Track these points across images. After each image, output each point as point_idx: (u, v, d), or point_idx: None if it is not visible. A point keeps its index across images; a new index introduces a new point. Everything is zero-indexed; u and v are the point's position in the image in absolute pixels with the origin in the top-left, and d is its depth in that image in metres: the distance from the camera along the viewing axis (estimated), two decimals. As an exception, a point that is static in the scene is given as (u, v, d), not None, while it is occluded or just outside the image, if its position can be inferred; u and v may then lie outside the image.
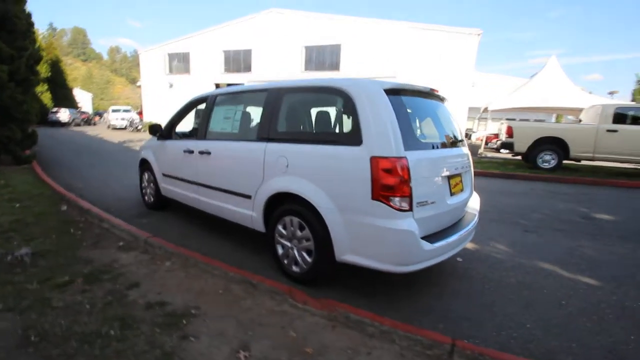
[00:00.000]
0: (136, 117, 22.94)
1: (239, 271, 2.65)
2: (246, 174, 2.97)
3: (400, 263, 2.18)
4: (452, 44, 15.30)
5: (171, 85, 22.50)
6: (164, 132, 4.16)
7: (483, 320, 2.31)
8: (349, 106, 2.38)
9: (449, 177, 2.59)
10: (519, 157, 10.36)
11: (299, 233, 2.61)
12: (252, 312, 2.21)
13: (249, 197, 2.97)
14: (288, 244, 2.72)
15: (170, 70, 23.23)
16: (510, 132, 9.19)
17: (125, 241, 3.36)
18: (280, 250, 2.80)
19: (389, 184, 2.12)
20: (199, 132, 3.59)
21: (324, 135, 2.59)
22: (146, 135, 18.38)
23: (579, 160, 8.91)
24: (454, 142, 2.81)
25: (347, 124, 2.42)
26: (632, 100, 31.69)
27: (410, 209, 2.16)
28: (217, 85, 22.50)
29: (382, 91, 2.29)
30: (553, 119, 23.46)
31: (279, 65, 18.65)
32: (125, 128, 21.66)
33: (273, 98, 2.86)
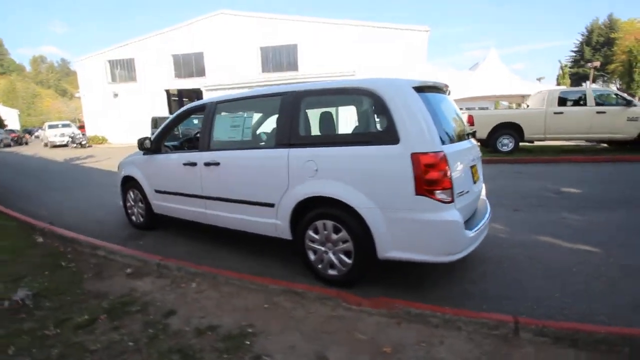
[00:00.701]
0: (78, 132, 20.95)
1: (279, 282, 2.57)
2: (267, 182, 2.87)
3: (448, 253, 2.26)
4: (404, 41, 16.02)
5: (116, 95, 20.88)
6: (152, 147, 3.86)
7: (518, 296, 2.47)
8: (379, 105, 2.41)
9: (471, 167, 2.73)
10: (478, 143, 11.17)
11: (334, 236, 2.59)
12: (309, 321, 2.16)
13: (271, 205, 2.88)
14: (321, 248, 2.69)
15: (113, 79, 21.55)
16: (471, 121, 9.86)
17: (134, 267, 3.08)
18: (312, 256, 2.75)
19: (433, 178, 2.18)
20: (201, 143, 3.39)
21: (354, 136, 2.59)
22: (95, 151, 16.90)
23: (532, 142, 9.82)
24: (467, 134, 2.97)
25: (378, 123, 2.45)
26: (557, 84, 35.60)
27: (453, 200, 2.24)
28: (168, 92, 21.31)
29: (412, 89, 2.35)
30: (492, 107, 25.59)
31: (235, 68, 18.16)
32: (66, 145, 19.67)
33: (290, 102, 2.79)
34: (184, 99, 25.41)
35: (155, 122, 13.03)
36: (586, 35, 52.53)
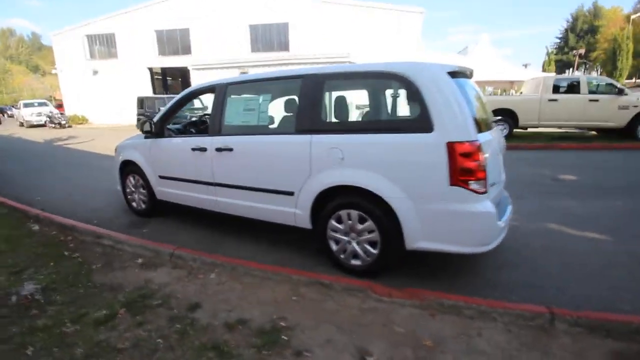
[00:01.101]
0: (56, 111, 19.87)
1: (303, 273, 2.50)
2: (286, 169, 2.76)
3: (481, 243, 2.24)
4: (399, 22, 15.70)
5: (95, 72, 19.82)
6: (155, 130, 3.65)
7: (542, 284, 2.50)
8: (411, 91, 2.31)
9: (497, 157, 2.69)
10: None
11: (359, 226, 2.52)
12: (342, 314, 2.11)
13: (290, 193, 2.78)
14: (344, 238, 2.63)
15: (92, 55, 20.39)
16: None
17: (145, 257, 2.95)
18: (334, 246, 2.69)
19: (469, 168, 2.13)
20: (211, 127, 3.22)
21: (383, 123, 2.49)
22: (77, 132, 16.11)
23: (525, 128, 9.95)
24: (492, 122, 2.91)
25: (410, 110, 2.35)
26: (543, 71, 36.06)
27: (486, 191, 2.20)
28: (151, 70, 20.36)
29: (447, 75, 2.26)
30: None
31: (224, 46, 17.45)
32: (44, 124, 18.68)
33: (312, 86, 2.65)
34: (167, 78, 24.42)
35: (142, 102, 12.48)
36: (571, 22, 53.07)
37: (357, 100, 2.82)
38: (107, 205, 4.70)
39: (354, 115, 2.74)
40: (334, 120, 2.62)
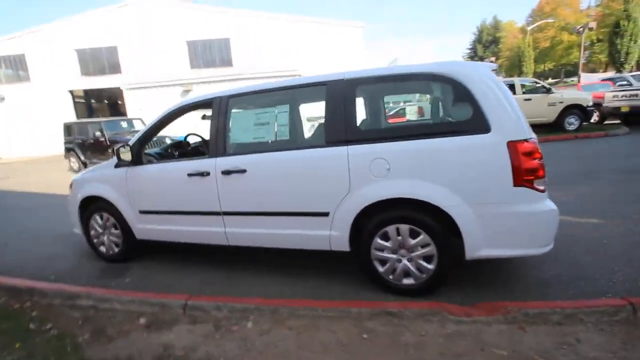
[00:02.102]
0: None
1: (363, 304, 2.18)
2: (318, 187, 2.43)
3: (546, 243, 2.16)
4: (341, 37, 16.16)
5: (3, 99, 16.88)
6: (133, 157, 3.02)
7: (589, 275, 2.50)
8: (459, 92, 2.17)
9: None
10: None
11: (410, 241, 2.30)
12: (428, 346, 1.84)
13: (324, 214, 2.45)
14: (392, 256, 2.37)
15: (-3, 79, 17.39)
16: (421, 112, 10.39)
17: (148, 315, 2.34)
18: (379, 267, 2.42)
19: (532, 167, 2.04)
20: (213, 147, 2.74)
21: (430, 127, 2.31)
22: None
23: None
24: None
25: (459, 111, 2.21)
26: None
27: (545, 189, 2.14)
28: (72, 93, 18.04)
29: (493, 73, 2.18)
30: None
31: (159, 64, 16.19)
32: None
33: (340, 92, 2.39)
34: (92, 101, 21.91)
35: (69, 128, 10.85)
36: (477, 34, 60.48)
37: (400, 103, 2.59)
38: (61, 253, 3.80)
39: (396, 120, 2.51)
40: (372, 127, 2.37)
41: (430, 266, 2.29)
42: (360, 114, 2.36)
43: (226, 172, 2.64)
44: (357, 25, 16.26)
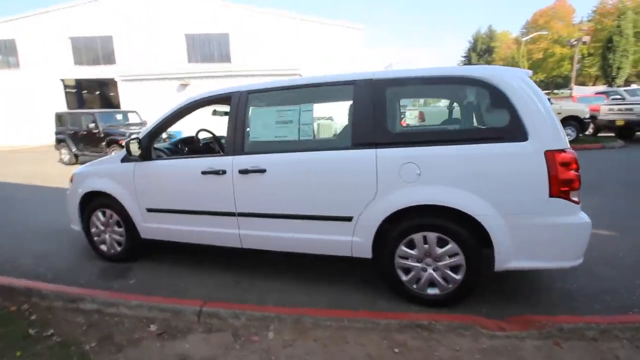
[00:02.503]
0: None
1: (392, 315, 2.08)
2: (342, 191, 2.33)
3: (577, 256, 2.10)
4: (342, 38, 16.10)
5: (-12, 85, 16.27)
6: (143, 151, 2.87)
7: (612, 288, 2.46)
8: (496, 97, 2.10)
9: None
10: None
11: (438, 250, 2.21)
12: (465, 362, 1.76)
13: (347, 219, 2.35)
14: (417, 265, 2.29)
15: (-19, 65, 16.73)
16: (422, 117, 10.40)
17: (160, 322, 2.19)
18: (403, 275, 2.33)
19: (569, 178, 1.98)
20: (230, 145, 2.62)
21: (465, 132, 2.24)
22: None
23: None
24: None
25: (494, 117, 2.15)
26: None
27: (580, 201, 2.09)
28: (64, 82, 17.49)
29: (530, 79, 2.11)
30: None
31: (156, 56, 15.85)
32: None
33: (369, 92, 2.29)
34: (83, 92, 21.32)
35: (61, 118, 10.49)
36: (472, 43, 61.37)
37: (433, 107, 2.49)
38: (57, 250, 3.61)
39: (429, 124, 2.43)
40: (402, 130, 2.28)
41: (458, 276, 2.22)
42: (390, 116, 2.27)
43: (244, 172, 2.52)
44: (358, 28, 16.23)
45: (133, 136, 2.87)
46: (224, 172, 2.58)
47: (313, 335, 2.00)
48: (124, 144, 8.86)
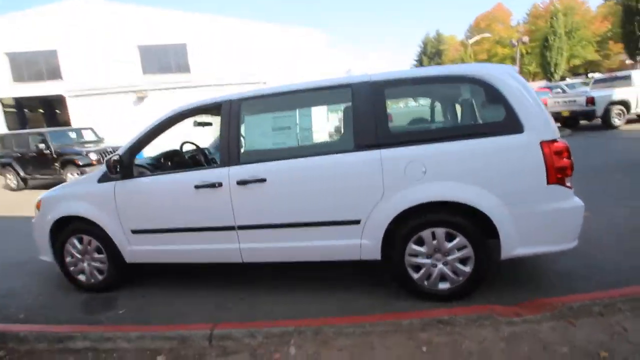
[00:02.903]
0: None
1: (411, 314, 2.07)
2: (348, 194, 2.31)
3: (573, 239, 2.24)
4: (305, 44, 16.20)
5: None
6: (123, 169, 2.64)
7: (601, 266, 2.63)
8: (490, 93, 2.20)
9: None
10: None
11: (447, 245, 2.26)
12: (493, 353, 1.78)
13: (355, 222, 2.33)
14: (426, 261, 2.32)
15: None
16: (390, 118, 10.71)
17: (166, 352, 2.01)
18: (413, 273, 2.35)
19: (563, 166, 2.11)
20: (224, 155, 2.49)
21: (463, 128, 2.30)
22: None
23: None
24: None
25: (490, 112, 2.24)
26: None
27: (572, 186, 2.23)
28: (1, 101, 15.88)
29: (517, 74, 2.23)
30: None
31: (107, 70, 14.91)
32: None
33: (368, 94, 2.30)
34: (25, 110, 19.49)
35: (2, 141, 9.51)
36: (422, 47, 64.65)
37: (430, 105, 2.55)
38: (24, 286, 3.23)
39: (428, 122, 2.48)
40: (403, 130, 2.31)
41: (467, 268, 2.27)
42: (392, 116, 2.29)
43: (242, 182, 2.41)
44: (320, 34, 16.44)
45: (113, 153, 2.64)
46: (220, 184, 2.45)
47: (337, 345, 1.94)
48: (81, 163, 8.17)
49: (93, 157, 8.21)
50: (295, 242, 2.46)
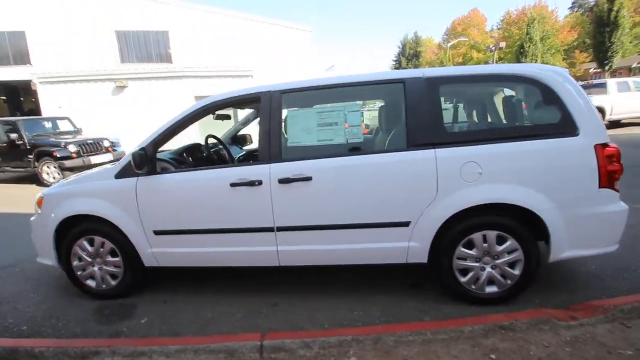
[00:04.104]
0: None
1: (472, 321, 2.02)
2: (399, 195, 2.22)
3: (617, 242, 2.27)
4: (291, 40, 15.92)
5: None
6: (148, 164, 2.40)
7: (628, 266, 2.68)
8: (546, 95, 2.17)
9: None
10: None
11: (498, 248, 2.23)
12: (562, 358, 1.76)
13: (405, 224, 2.25)
14: (476, 265, 2.28)
15: None
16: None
17: (215, 366, 1.84)
18: (460, 277, 2.30)
19: (615, 170, 2.13)
20: (264, 151, 2.32)
21: (519, 129, 2.26)
22: None
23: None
24: None
25: (545, 114, 2.22)
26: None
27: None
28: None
29: (570, 76, 2.23)
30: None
31: (81, 55, 13.93)
32: None
33: (422, 91, 2.21)
34: (-17, 96, 17.83)
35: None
36: (401, 48, 65.81)
37: (485, 105, 2.48)
38: (19, 294, 2.90)
39: (485, 122, 2.42)
40: (460, 129, 2.24)
41: (517, 272, 2.25)
42: (448, 114, 2.22)
43: (285, 181, 2.26)
44: (306, 29, 16.20)
45: (137, 146, 2.39)
46: (260, 182, 2.28)
47: (400, 355, 1.84)
48: (59, 155, 7.56)
49: (72, 149, 7.62)
50: (338, 244, 2.34)
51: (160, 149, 2.71)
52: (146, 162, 2.35)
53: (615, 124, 11.35)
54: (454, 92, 2.47)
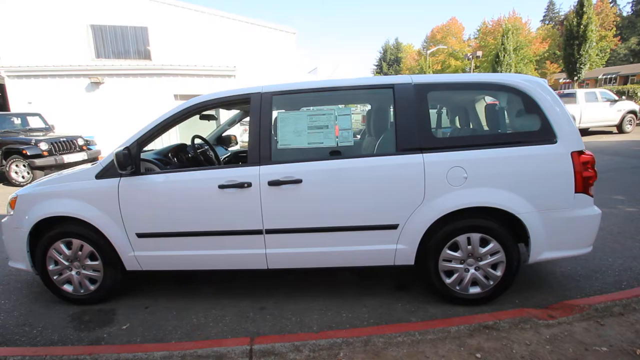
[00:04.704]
0: None
1: (458, 320, 2.07)
2: (388, 198, 2.26)
3: (590, 244, 2.40)
4: (275, 41, 15.83)
5: None
6: (131, 164, 2.32)
7: (597, 268, 2.86)
8: (527, 103, 2.28)
9: None
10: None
11: (481, 250, 2.31)
12: (543, 356, 1.83)
13: (393, 227, 2.29)
14: (460, 266, 2.35)
15: None
16: (364, 120, 10.87)
17: (203, 372, 1.79)
18: (445, 278, 2.37)
19: (589, 175, 2.25)
20: (256, 153, 2.30)
21: (501, 136, 2.35)
22: None
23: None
24: None
25: (525, 122, 2.32)
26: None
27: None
28: None
29: (548, 86, 2.34)
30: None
31: (51, 48, 13.27)
32: None
33: (411, 97, 2.26)
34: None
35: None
36: (382, 53, 66.94)
37: (468, 112, 2.55)
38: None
39: (469, 129, 2.49)
40: (447, 135, 2.31)
41: (498, 273, 2.34)
42: (435, 120, 2.28)
43: (274, 183, 2.25)
44: (290, 31, 16.15)
45: (121, 145, 2.31)
46: (249, 184, 2.26)
47: (390, 356, 1.87)
48: (29, 153, 7.21)
49: (44, 147, 7.24)
50: (326, 247, 2.35)
51: (144, 149, 2.64)
52: (130, 161, 2.27)
53: (583, 132, 12.00)
54: (441, 98, 2.55)
